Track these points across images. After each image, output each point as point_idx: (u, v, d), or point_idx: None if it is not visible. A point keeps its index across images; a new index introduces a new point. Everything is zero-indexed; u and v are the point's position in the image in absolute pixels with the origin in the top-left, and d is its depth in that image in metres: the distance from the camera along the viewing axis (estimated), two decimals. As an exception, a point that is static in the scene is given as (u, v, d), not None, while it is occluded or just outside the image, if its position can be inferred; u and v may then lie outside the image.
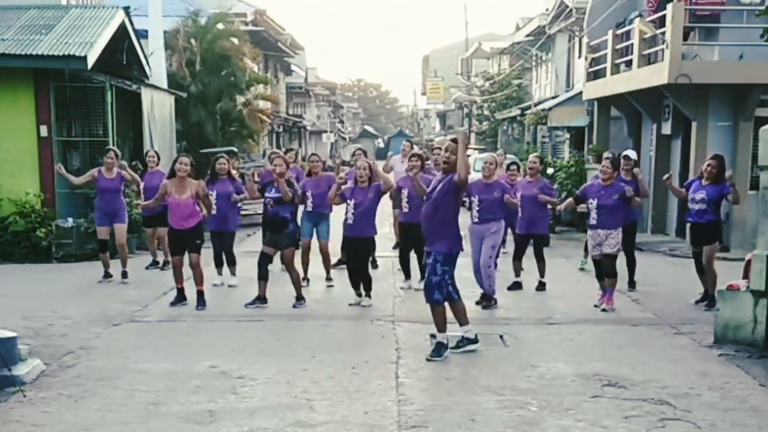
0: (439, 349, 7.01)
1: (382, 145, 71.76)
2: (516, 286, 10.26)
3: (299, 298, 9.20)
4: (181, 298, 9.17)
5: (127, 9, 14.89)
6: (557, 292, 10.13)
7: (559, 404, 5.79)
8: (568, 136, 23.24)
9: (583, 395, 6.01)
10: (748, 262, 7.90)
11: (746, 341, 7.42)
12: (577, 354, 7.27)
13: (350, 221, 9.03)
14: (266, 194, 9.12)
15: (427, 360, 6.93)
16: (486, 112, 35.59)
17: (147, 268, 11.61)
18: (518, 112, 28.89)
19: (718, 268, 9.25)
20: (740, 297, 7.56)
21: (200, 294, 9.08)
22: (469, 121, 43.00)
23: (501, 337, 7.88)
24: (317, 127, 55.84)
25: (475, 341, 7.26)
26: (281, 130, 38.79)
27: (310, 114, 52.49)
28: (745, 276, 7.96)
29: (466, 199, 9.06)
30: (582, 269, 11.69)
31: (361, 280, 9.26)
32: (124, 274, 10.70)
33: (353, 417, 5.51)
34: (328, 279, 10.55)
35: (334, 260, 10.82)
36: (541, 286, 10.28)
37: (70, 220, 12.61)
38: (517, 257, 10.38)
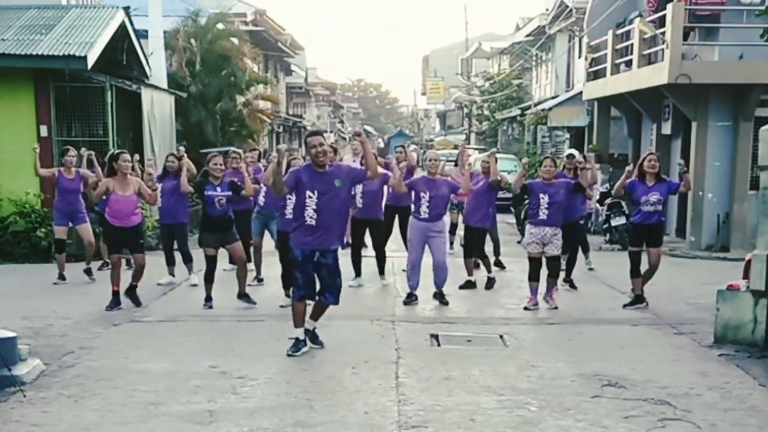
0: (298, 344, 7.08)
1: (382, 144, 71.71)
2: (468, 285, 10.22)
3: (245, 295, 9.10)
4: (117, 302, 8.89)
5: (127, 9, 14.89)
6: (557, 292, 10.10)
7: (559, 404, 5.79)
8: (568, 136, 23.28)
9: (583, 395, 6.00)
10: (748, 262, 7.90)
11: (746, 341, 7.42)
12: (577, 354, 7.27)
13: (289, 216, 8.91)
14: (210, 192, 8.78)
15: (288, 355, 6.98)
16: (486, 112, 35.64)
17: (99, 269, 11.28)
18: (518, 112, 28.94)
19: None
20: (740, 297, 7.56)
21: (133, 288, 8.98)
22: (469, 121, 43.04)
23: (501, 337, 7.88)
24: (317, 127, 55.84)
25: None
26: (281, 130, 38.79)
27: (310, 114, 52.49)
28: (745, 276, 7.95)
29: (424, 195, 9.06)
30: (591, 269, 11.64)
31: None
32: (89, 271, 10.68)
33: (353, 417, 5.50)
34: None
35: None
36: (489, 283, 10.27)
37: (70, 220, 12.59)
38: (469, 254, 10.31)
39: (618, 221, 14.75)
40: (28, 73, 12.83)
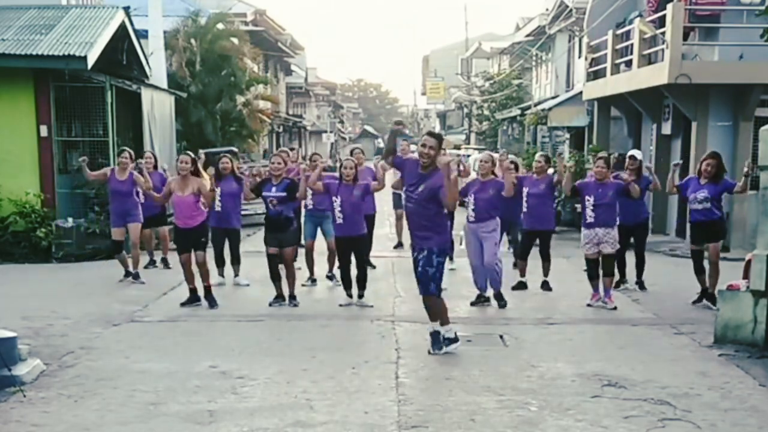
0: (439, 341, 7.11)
1: (381, 144, 71.77)
2: (521, 285, 10.20)
3: (292, 297, 9.17)
4: (194, 298, 9.04)
5: (127, 9, 14.90)
6: (558, 292, 10.12)
7: (559, 404, 5.79)
8: (568, 136, 23.25)
9: (583, 395, 6.01)
10: (748, 262, 7.90)
11: (746, 341, 7.42)
12: (577, 354, 7.27)
13: (339, 220, 8.98)
14: (265, 193, 9.01)
15: (430, 354, 7.02)
16: (486, 112, 35.60)
17: (145, 267, 11.43)
18: (518, 112, 28.90)
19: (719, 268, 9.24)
20: (740, 297, 7.56)
21: (208, 290, 9.05)
22: (469, 121, 43.01)
23: (501, 337, 7.88)
24: (317, 127, 55.83)
25: (456, 340, 7.23)
26: (281, 130, 38.79)
27: (310, 114, 52.48)
28: (745, 276, 7.96)
29: (466, 199, 9.08)
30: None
31: (358, 279, 9.17)
32: (136, 276, 10.59)
33: (353, 417, 5.51)
34: (330, 277, 10.51)
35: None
36: (546, 285, 10.25)
37: (70, 220, 12.61)
38: (523, 256, 10.34)
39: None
40: (28, 73, 12.84)
